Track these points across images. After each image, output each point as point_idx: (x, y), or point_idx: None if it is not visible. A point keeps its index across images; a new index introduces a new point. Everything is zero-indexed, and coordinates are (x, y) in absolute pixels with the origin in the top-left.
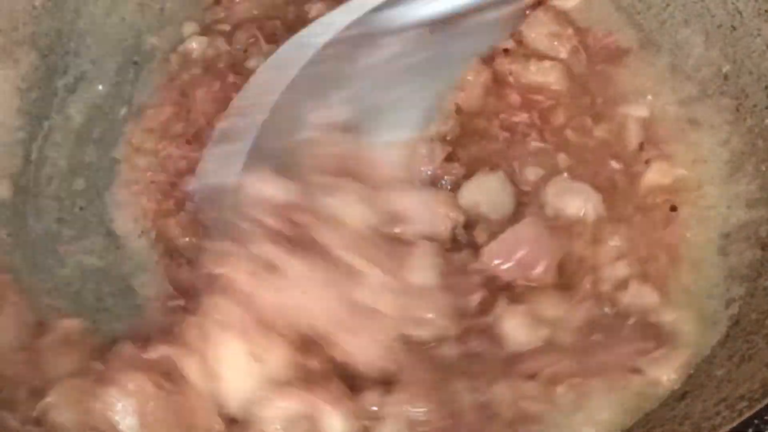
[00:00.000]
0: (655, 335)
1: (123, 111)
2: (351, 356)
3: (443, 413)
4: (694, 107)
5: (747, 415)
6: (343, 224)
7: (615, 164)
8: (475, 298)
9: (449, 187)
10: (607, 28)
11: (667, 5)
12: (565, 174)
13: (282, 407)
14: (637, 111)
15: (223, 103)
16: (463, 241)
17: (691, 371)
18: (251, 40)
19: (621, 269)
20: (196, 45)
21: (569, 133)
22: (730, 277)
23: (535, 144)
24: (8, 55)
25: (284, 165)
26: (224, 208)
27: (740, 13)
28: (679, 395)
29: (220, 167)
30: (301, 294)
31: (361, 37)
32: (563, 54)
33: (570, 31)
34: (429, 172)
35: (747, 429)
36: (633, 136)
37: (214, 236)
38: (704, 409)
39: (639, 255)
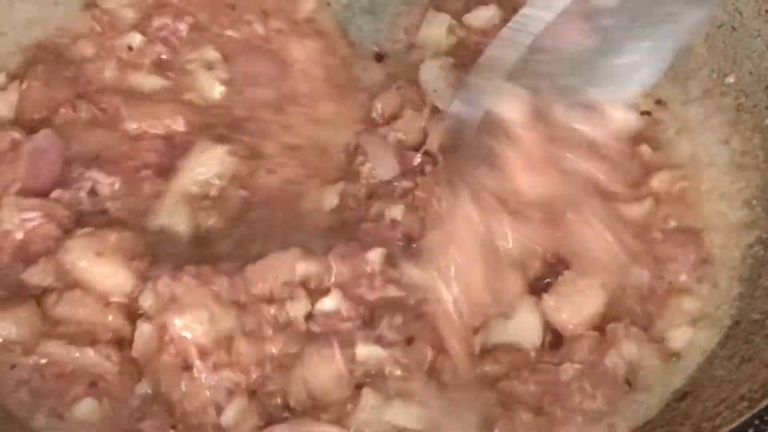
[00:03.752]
0: None
1: None
2: None
3: None
4: (694, 107)
5: (747, 415)
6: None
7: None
8: None
9: None
10: None
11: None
12: None
13: None
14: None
15: None
16: None
17: (692, 372)
18: None
19: None
20: None
21: None
22: (730, 276)
23: None
24: None
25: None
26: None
27: (740, 13)
28: (680, 395)
29: (474, 99)
30: None
31: None
32: None
33: None
34: None
35: (747, 429)
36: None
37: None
38: (704, 409)
39: None
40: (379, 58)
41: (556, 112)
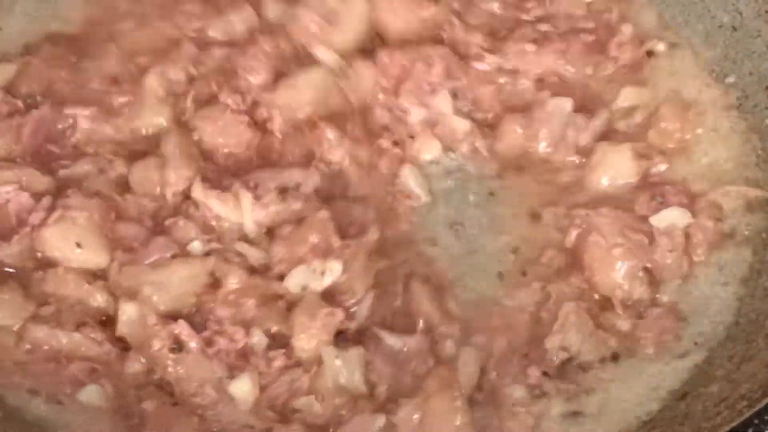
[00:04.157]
0: None
1: None
2: None
3: None
4: (694, 107)
5: (747, 415)
6: None
7: None
8: None
9: None
10: None
11: (668, 5)
12: None
13: None
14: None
15: None
16: None
17: (692, 372)
18: None
19: None
20: None
21: None
22: (730, 277)
23: None
24: None
25: None
26: None
27: (740, 13)
28: (680, 395)
29: None
30: None
31: None
32: None
33: None
34: None
35: (747, 429)
36: None
37: None
38: (704, 409)
39: None
40: None
41: None
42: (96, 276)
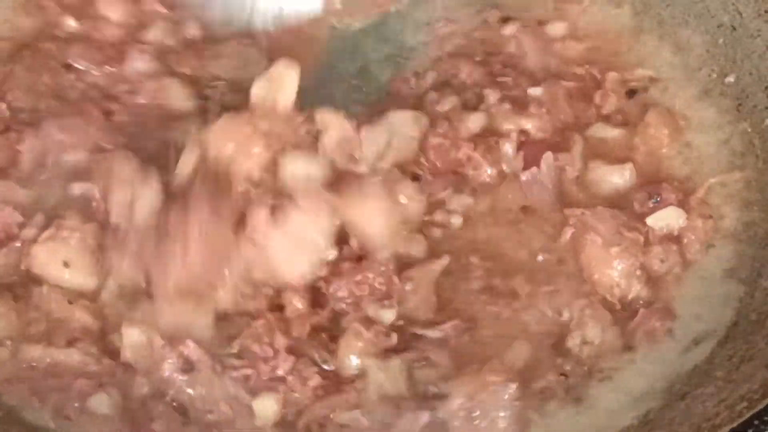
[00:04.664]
0: None
1: None
2: None
3: None
4: (694, 107)
5: (747, 415)
6: None
7: None
8: None
9: None
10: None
11: (668, 5)
12: None
13: None
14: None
15: None
16: None
17: (692, 372)
18: None
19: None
20: None
21: None
22: (729, 277)
23: None
24: None
25: None
26: None
27: (740, 13)
28: (679, 395)
29: None
30: None
31: None
32: None
33: None
34: None
35: (747, 429)
36: None
37: None
38: (704, 409)
39: None
40: None
41: None
42: (80, 295)
